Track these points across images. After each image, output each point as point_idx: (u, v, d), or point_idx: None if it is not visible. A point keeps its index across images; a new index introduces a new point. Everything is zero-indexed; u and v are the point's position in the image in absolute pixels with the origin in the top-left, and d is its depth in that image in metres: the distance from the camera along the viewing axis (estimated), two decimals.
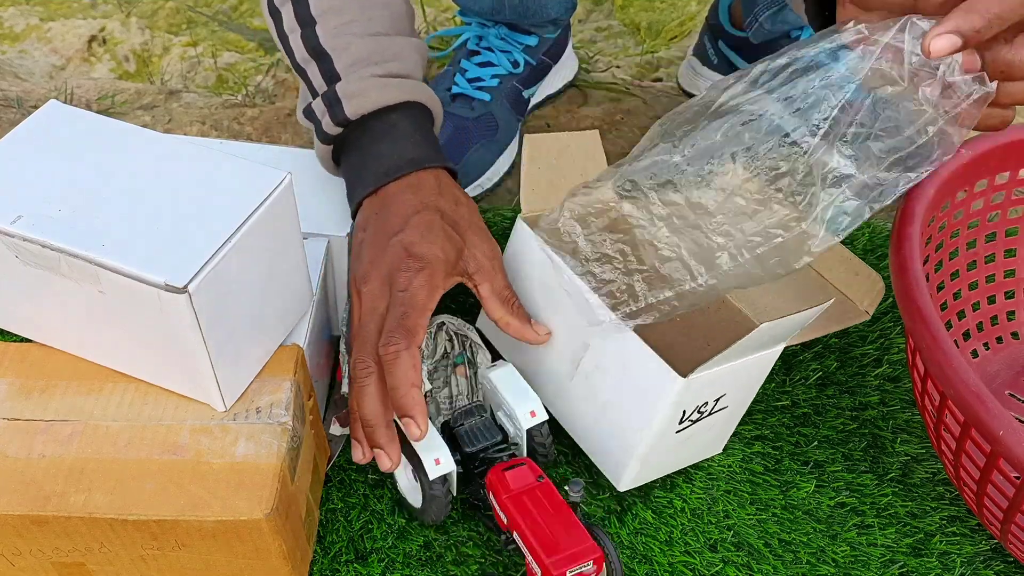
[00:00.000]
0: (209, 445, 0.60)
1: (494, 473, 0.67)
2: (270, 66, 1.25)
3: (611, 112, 1.16)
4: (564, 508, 0.64)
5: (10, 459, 0.59)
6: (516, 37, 1.07)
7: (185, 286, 0.53)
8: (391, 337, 0.62)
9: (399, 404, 0.62)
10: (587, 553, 0.62)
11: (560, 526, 0.63)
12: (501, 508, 0.66)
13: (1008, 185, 0.78)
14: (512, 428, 0.70)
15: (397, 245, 0.65)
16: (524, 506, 0.64)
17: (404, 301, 0.63)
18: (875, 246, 0.93)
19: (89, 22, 1.36)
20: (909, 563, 0.70)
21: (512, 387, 0.70)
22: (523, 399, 0.69)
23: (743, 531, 0.71)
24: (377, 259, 0.65)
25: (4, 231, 0.56)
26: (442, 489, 0.67)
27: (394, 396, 0.62)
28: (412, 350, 0.62)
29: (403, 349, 0.61)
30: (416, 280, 0.64)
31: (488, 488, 0.67)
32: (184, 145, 0.63)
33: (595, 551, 0.62)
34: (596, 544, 0.63)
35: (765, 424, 0.78)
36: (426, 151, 0.70)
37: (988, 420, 0.57)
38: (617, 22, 1.40)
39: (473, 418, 0.70)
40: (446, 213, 0.68)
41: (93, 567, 0.61)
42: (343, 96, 0.69)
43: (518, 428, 0.69)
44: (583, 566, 0.62)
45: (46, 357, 0.64)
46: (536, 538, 0.63)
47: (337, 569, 0.68)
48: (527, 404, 0.69)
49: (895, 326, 0.86)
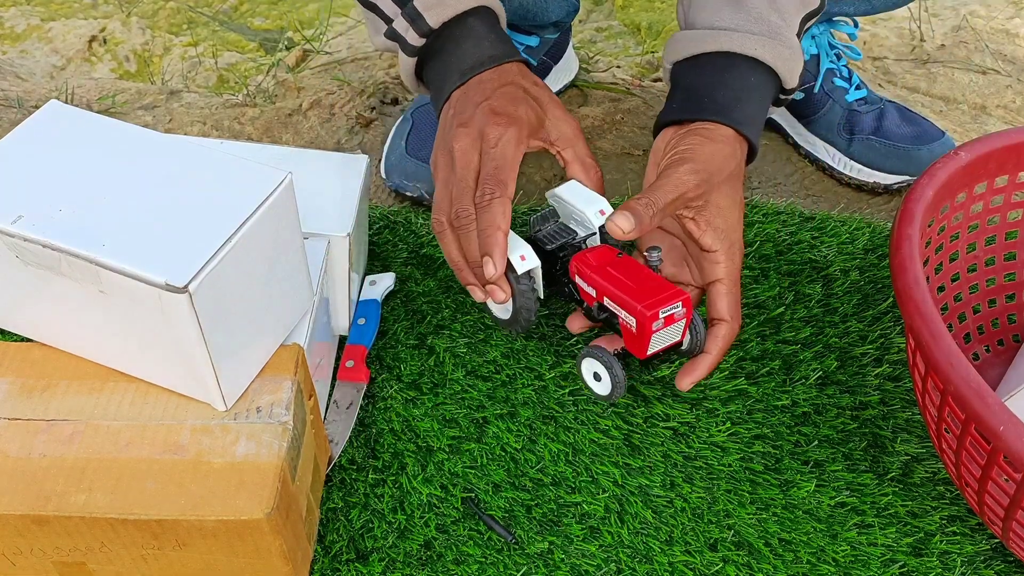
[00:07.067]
0: (210, 445, 0.60)
1: (577, 257, 0.72)
2: (270, 66, 1.25)
3: (611, 112, 1.16)
4: (646, 270, 0.70)
5: (11, 459, 0.59)
6: (517, 38, 1.07)
7: (185, 286, 0.54)
8: (486, 186, 0.68)
9: (484, 243, 0.68)
10: (675, 296, 0.68)
11: (647, 281, 0.69)
12: (588, 283, 0.71)
13: (1007, 188, 0.78)
14: (584, 232, 0.75)
15: (485, 107, 0.71)
16: (609, 273, 0.70)
17: (495, 156, 0.69)
18: (875, 246, 0.93)
19: (90, 22, 1.36)
20: (909, 563, 0.70)
21: (579, 195, 0.74)
22: (591, 201, 0.74)
23: (743, 530, 0.71)
24: (468, 121, 0.71)
25: (5, 231, 0.56)
26: (528, 285, 0.72)
27: (481, 237, 0.68)
28: (503, 199, 0.68)
29: (496, 197, 0.67)
30: (505, 135, 0.69)
31: (573, 274, 0.72)
32: (184, 145, 0.63)
33: (682, 294, 0.68)
34: (682, 289, 0.69)
35: (765, 424, 0.78)
36: (504, 48, 0.75)
37: (988, 417, 0.57)
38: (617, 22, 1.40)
39: (549, 223, 0.76)
40: (528, 89, 0.74)
41: (94, 567, 0.61)
42: (422, 9, 0.74)
43: (590, 228, 0.74)
44: (673, 307, 0.67)
45: (47, 357, 0.64)
46: (626, 292, 0.68)
47: (338, 568, 0.68)
48: (596, 204, 0.73)
49: (895, 326, 0.86)
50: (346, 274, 0.77)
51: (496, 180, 0.68)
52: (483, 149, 0.70)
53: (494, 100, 0.71)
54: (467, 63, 0.74)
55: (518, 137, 0.70)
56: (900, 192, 1.06)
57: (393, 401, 0.78)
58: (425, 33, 0.75)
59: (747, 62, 0.73)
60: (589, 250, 0.73)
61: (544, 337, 0.83)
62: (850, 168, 1.06)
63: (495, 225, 0.67)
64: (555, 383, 0.79)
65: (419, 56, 0.77)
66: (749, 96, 0.73)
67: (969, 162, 0.73)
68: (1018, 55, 1.30)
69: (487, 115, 0.70)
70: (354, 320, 0.82)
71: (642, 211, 0.69)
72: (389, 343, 0.82)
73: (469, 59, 0.74)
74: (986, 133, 1.13)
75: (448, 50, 0.75)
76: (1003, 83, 1.26)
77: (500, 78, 0.73)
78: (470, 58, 0.74)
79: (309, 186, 0.75)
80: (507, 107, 0.71)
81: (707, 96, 0.73)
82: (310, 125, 1.13)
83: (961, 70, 1.28)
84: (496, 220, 0.67)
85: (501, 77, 0.73)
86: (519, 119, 0.70)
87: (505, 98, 0.72)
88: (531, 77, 0.75)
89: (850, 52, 1.09)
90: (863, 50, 1.30)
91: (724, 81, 0.73)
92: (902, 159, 1.04)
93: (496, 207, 0.67)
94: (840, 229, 0.95)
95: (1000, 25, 1.35)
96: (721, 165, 0.71)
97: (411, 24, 0.75)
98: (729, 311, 0.71)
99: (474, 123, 0.70)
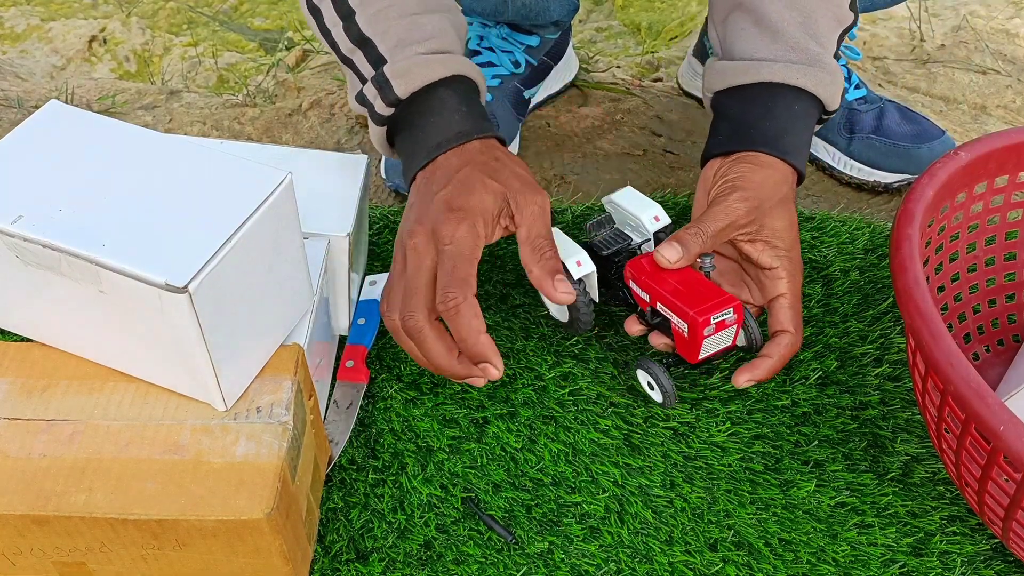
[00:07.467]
0: (210, 445, 0.60)
1: (631, 263, 0.73)
2: (270, 66, 1.25)
3: (611, 112, 1.16)
4: (699, 276, 0.71)
5: (11, 459, 0.59)
6: (518, 37, 1.07)
7: (185, 286, 0.54)
8: (447, 292, 0.64)
9: (472, 353, 0.65)
10: (727, 302, 0.69)
11: (699, 287, 0.70)
12: (643, 288, 0.72)
13: (1007, 188, 0.78)
14: (639, 238, 0.76)
15: (439, 201, 0.67)
16: (662, 279, 0.71)
17: (451, 254, 0.65)
18: (875, 246, 0.93)
19: (90, 22, 1.36)
20: (909, 563, 0.70)
21: (634, 201, 0.76)
22: (646, 207, 0.75)
23: (743, 530, 0.71)
24: (422, 216, 0.68)
25: (5, 231, 0.56)
26: (584, 293, 0.73)
27: (464, 347, 0.65)
28: (470, 300, 0.64)
29: (461, 301, 0.64)
30: (459, 231, 0.65)
31: (627, 279, 0.74)
32: (184, 145, 0.63)
33: (734, 300, 0.69)
34: (734, 296, 0.69)
35: (765, 424, 0.78)
36: (474, 123, 0.72)
37: (988, 416, 0.57)
38: (617, 22, 1.40)
39: (604, 228, 0.78)
40: (488, 166, 0.69)
41: (94, 566, 0.61)
42: (391, 77, 0.71)
43: (645, 234, 0.75)
44: (725, 313, 0.68)
45: (47, 357, 0.64)
46: (679, 298, 0.69)
47: (338, 568, 0.68)
48: (650, 210, 0.75)
49: (895, 326, 0.86)
50: (346, 274, 0.77)
51: (456, 281, 0.64)
52: (438, 248, 0.66)
53: (450, 191, 0.67)
54: (432, 140, 0.70)
55: (474, 233, 0.66)
56: (900, 191, 1.06)
57: (393, 401, 0.78)
58: (393, 103, 0.71)
59: (790, 91, 0.74)
60: (643, 256, 0.73)
61: (544, 337, 0.83)
62: (850, 167, 1.06)
63: (475, 330, 0.64)
64: (555, 383, 0.79)
65: (388, 125, 0.74)
66: (795, 125, 0.74)
67: (969, 162, 0.73)
68: (1018, 55, 1.30)
69: (441, 211, 0.66)
70: (354, 320, 0.82)
71: (690, 240, 0.70)
72: (389, 343, 0.82)
73: (435, 136, 0.70)
74: (986, 133, 1.13)
75: (416, 124, 0.72)
76: (1003, 83, 1.26)
77: (460, 160, 0.69)
78: (436, 135, 0.70)
79: (309, 186, 0.75)
80: (461, 199, 0.67)
81: (754, 127, 0.74)
82: (310, 125, 1.13)
83: (961, 70, 1.28)
84: (472, 324, 0.64)
85: (461, 158, 0.69)
86: (473, 210, 0.66)
87: (460, 187, 0.67)
88: (495, 152, 0.71)
89: (850, 52, 1.09)
90: (863, 50, 1.30)
91: (770, 112, 0.74)
92: (902, 158, 1.04)
93: (465, 311, 0.64)
94: (840, 229, 0.95)
95: (1000, 25, 1.35)
96: (772, 192, 0.71)
97: (379, 92, 0.72)
98: (793, 323, 0.72)
99: (428, 219, 0.67)
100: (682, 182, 1.07)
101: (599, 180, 1.07)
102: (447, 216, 0.66)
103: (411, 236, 0.67)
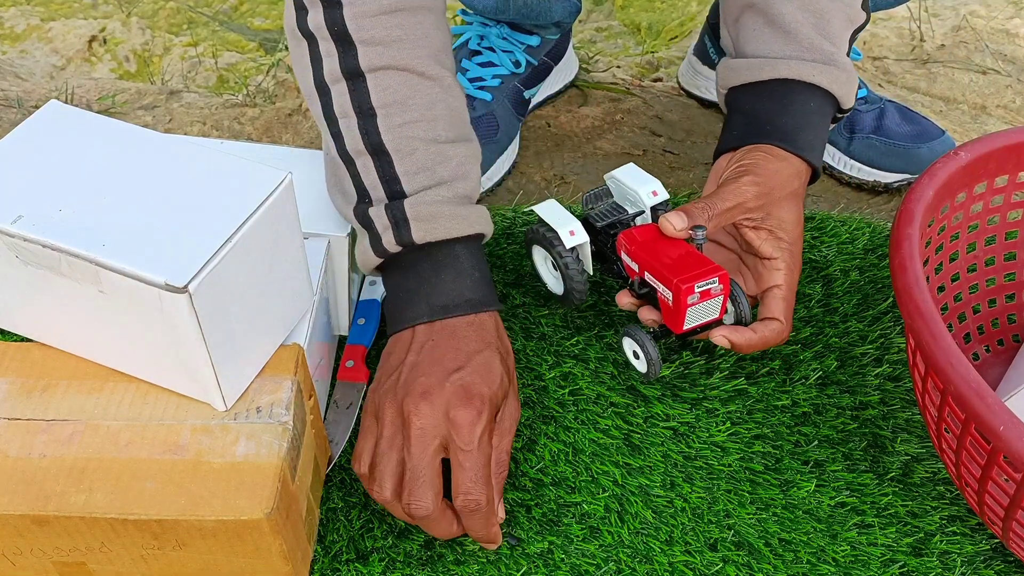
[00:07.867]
0: (210, 445, 0.60)
1: (624, 234, 0.73)
2: (270, 66, 1.25)
3: (611, 112, 1.16)
4: (690, 248, 0.71)
5: (11, 459, 0.59)
6: (518, 37, 1.07)
7: (185, 286, 0.54)
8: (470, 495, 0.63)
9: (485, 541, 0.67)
10: (713, 271, 0.68)
11: (688, 258, 0.69)
12: (631, 257, 0.72)
13: (1007, 188, 0.78)
14: (634, 210, 0.76)
15: (457, 383, 0.64)
16: (651, 248, 0.71)
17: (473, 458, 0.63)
18: (875, 246, 0.93)
19: (90, 22, 1.36)
20: (909, 563, 0.70)
21: (633, 176, 0.76)
22: (645, 182, 0.76)
23: (743, 530, 0.71)
24: (430, 390, 0.63)
25: (5, 231, 0.56)
26: (577, 263, 0.74)
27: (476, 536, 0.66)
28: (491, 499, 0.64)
29: (484, 504, 0.63)
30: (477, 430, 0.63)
31: (619, 249, 0.73)
32: (184, 145, 0.63)
33: (719, 270, 0.68)
34: (720, 266, 0.69)
35: (765, 424, 0.78)
36: (486, 292, 0.69)
37: (988, 417, 0.57)
38: (617, 22, 1.40)
39: (602, 201, 0.78)
40: (504, 359, 0.67)
41: (94, 566, 0.61)
42: (412, 218, 0.67)
43: (642, 208, 0.76)
44: (710, 282, 0.68)
45: (47, 357, 0.64)
46: (664, 267, 0.69)
47: (338, 568, 0.68)
48: (649, 185, 0.75)
49: (895, 326, 0.86)
50: (346, 274, 0.77)
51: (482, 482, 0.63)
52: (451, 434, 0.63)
53: (468, 373, 0.64)
54: (440, 299, 0.67)
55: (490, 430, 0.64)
56: (900, 191, 1.06)
57: None
58: (405, 244, 0.67)
59: (807, 88, 0.73)
60: (637, 228, 0.73)
61: (544, 337, 0.83)
62: (850, 167, 1.06)
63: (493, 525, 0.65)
64: (555, 383, 0.79)
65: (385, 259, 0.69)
66: (810, 121, 0.74)
67: (969, 162, 0.73)
68: (1018, 55, 1.30)
69: (459, 394, 0.63)
70: (354, 320, 0.82)
71: (698, 214, 0.69)
72: None
73: (444, 295, 0.67)
74: (986, 133, 1.13)
75: (424, 276, 0.68)
76: (1003, 83, 1.26)
77: (478, 337, 0.66)
78: (445, 294, 0.67)
79: (309, 186, 0.75)
80: (483, 387, 0.64)
81: (770, 122, 0.73)
82: (310, 125, 1.13)
83: (961, 70, 1.28)
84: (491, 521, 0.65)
85: (479, 336, 0.67)
86: (492, 402, 0.64)
87: (481, 374, 0.64)
88: (505, 339, 0.70)
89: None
90: (863, 50, 1.30)
91: (786, 108, 0.73)
92: (902, 157, 1.04)
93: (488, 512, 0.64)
94: (840, 229, 0.95)
95: (1000, 25, 1.35)
96: (784, 182, 0.71)
97: (393, 227, 0.67)
98: (783, 314, 0.71)
99: (439, 398, 0.63)
100: (682, 182, 1.07)
101: (599, 180, 1.07)
102: (467, 403, 0.63)
103: (416, 411, 0.63)
